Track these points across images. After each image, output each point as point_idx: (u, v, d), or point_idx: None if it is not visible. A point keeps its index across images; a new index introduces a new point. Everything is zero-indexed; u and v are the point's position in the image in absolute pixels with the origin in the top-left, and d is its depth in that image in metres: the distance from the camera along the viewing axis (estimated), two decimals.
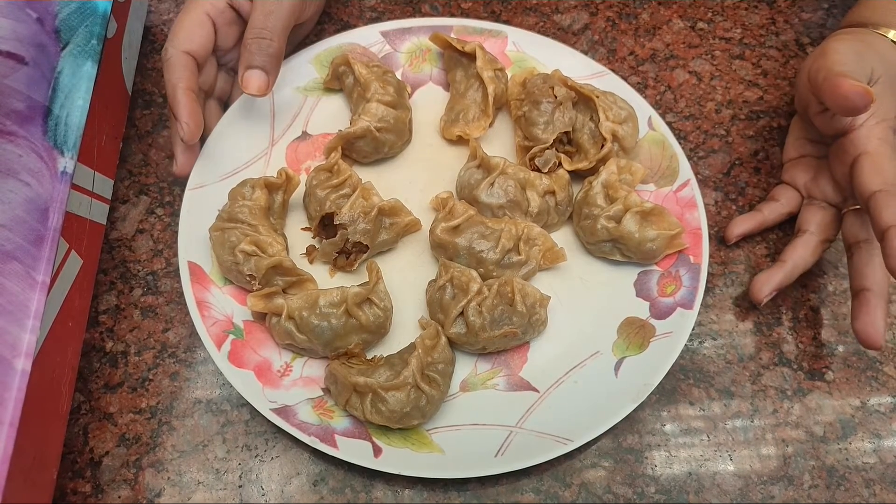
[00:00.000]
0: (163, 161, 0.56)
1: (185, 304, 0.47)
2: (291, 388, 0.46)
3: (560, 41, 0.60)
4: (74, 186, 0.45)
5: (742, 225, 0.53)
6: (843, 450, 0.48)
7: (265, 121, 0.56)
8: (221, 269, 0.49)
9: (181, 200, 0.51)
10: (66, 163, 0.45)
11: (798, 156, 0.54)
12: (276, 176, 0.51)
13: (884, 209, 0.44)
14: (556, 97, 0.53)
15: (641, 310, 0.50)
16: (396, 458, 0.44)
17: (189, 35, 0.50)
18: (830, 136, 0.50)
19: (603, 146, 0.53)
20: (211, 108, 0.55)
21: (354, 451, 0.44)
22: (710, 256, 0.53)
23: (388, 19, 0.63)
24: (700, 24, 0.65)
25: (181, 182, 0.53)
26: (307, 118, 0.57)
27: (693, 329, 0.49)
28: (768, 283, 0.49)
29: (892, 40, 0.49)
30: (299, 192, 0.53)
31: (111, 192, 0.53)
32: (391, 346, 0.49)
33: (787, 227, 0.55)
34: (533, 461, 0.44)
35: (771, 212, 0.53)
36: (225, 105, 0.56)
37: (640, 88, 0.61)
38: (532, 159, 0.54)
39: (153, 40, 0.62)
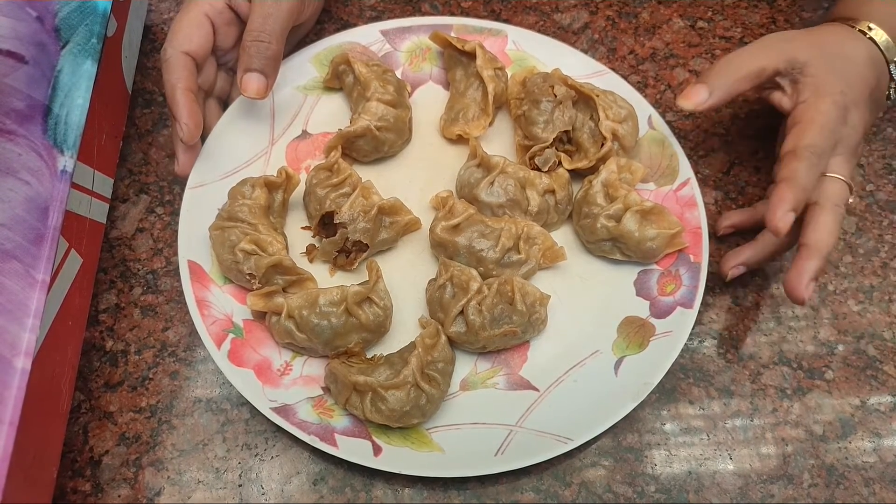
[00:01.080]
0: (163, 160, 0.56)
1: (185, 303, 0.47)
2: (291, 387, 0.46)
3: (560, 40, 0.60)
4: (74, 185, 0.45)
5: (731, 217, 0.54)
6: (842, 449, 0.48)
7: (265, 120, 0.56)
8: (221, 267, 0.49)
9: (181, 199, 0.51)
10: (66, 161, 0.45)
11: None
12: (276, 175, 0.50)
13: (783, 167, 0.46)
14: (555, 96, 0.53)
15: (641, 309, 0.50)
16: (396, 457, 0.44)
17: (188, 35, 0.50)
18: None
19: (603, 145, 0.53)
20: (211, 107, 0.55)
21: (354, 450, 0.44)
22: (710, 255, 0.52)
23: (388, 18, 0.63)
24: (700, 23, 0.65)
25: (181, 181, 0.53)
26: (307, 117, 0.57)
27: (693, 328, 0.49)
28: (736, 258, 0.50)
29: (860, 29, 0.50)
30: (299, 190, 0.53)
31: (111, 190, 0.53)
32: (391, 344, 0.49)
33: None
34: (533, 460, 0.44)
35: (764, 207, 0.53)
36: (225, 104, 0.56)
37: (640, 87, 0.61)
38: (532, 158, 0.54)
39: (153, 39, 0.62)
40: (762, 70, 0.49)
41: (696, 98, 0.50)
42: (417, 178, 0.55)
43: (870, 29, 0.50)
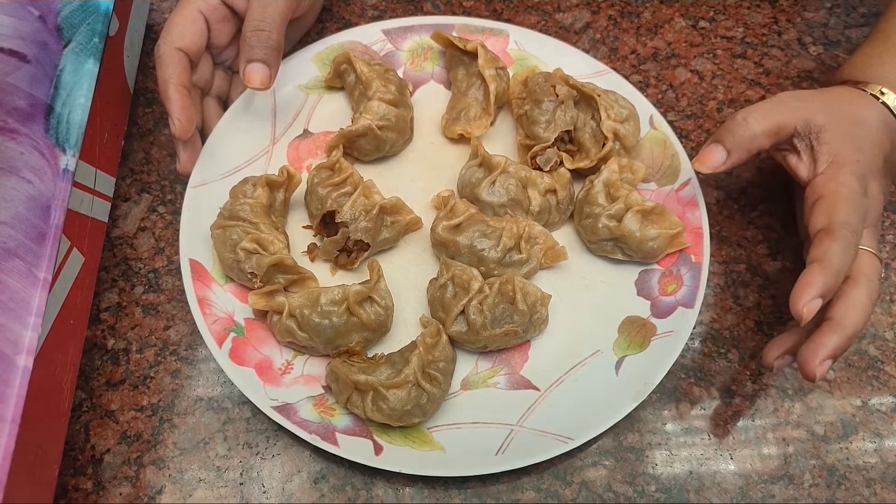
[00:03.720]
0: (164, 159, 0.57)
1: (187, 302, 0.47)
2: (292, 386, 0.46)
3: (562, 40, 0.60)
4: (76, 184, 0.45)
5: (779, 346, 0.46)
6: (843, 449, 0.48)
7: (267, 119, 0.56)
8: (223, 266, 0.49)
9: (182, 198, 0.51)
10: (68, 160, 0.45)
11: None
12: (277, 174, 0.51)
13: (816, 246, 0.43)
14: (557, 96, 0.53)
15: (642, 309, 0.50)
16: (397, 456, 0.44)
17: (181, 32, 0.50)
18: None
19: (604, 145, 0.53)
20: (209, 106, 0.55)
21: (355, 449, 0.44)
22: (711, 255, 0.52)
23: (390, 17, 0.63)
24: (702, 23, 0.65)
25: (183, 180, 0.53)
26: (308, 116, 0.57)
27: (694, 328, 0.49)
28: (781, 346, 0.46)
29: (872, 94, 0.48)
30: (301, 190, 0.53)
31: (113, 189, 0.53)
32: (392, 344, 0.49)
33: (790, 227, 0.55)
34: (533, 459, 0.44)
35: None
36: (224, 103, 0.56)
37: (642, 87, 0.61)
38: (533, 158, 0.54)
39: (155, 38, 0.62)
40: (781, 127, 0.46)
41: (712, 160, 0.47)
42: (419, 177, 0.55)
43: (882, 94, 0.48)
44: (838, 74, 0.53)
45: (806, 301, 0.41)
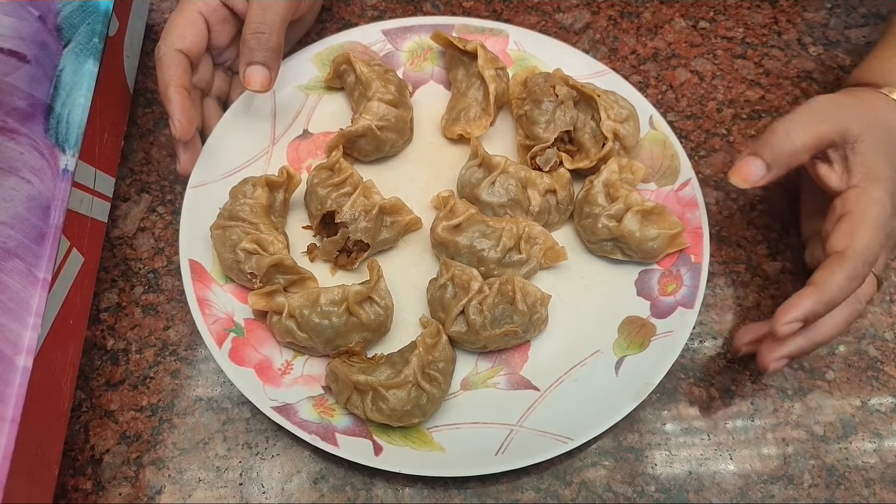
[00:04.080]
0: (164, 159, 0.57)
1: (186, 302, 0.47)
2: (292, 387, 0.46)
3: (561, 40, 0.60)
4: (76, 184, 0.45)
5: (750, 333, 0.47)
6: (843, 449, 0.48)
7: (266, 119, 0.56)
8: (222, 267, 0.49)
9: (182, 198, 0.51)
10: (68, 160, 0.45)
11: (812, 233, 0.51)
12: (277, 174, 0.51)
13: (823, 268, 0.42)
14: (557, 96, 0.53)
15: (642, 309, 0.50)
16: (397, 456, 0.44)
17: (181, 34, 0.50)
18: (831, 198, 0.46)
19: (604, 145, 0.53)
20: (210, 106, 0.55)
21: (355, 449, 0.44)
22: (711, 255, 0.52)
23: (390, 18, 0.63)
24: (702, 24, 0.65)
25: (182, 180, 0.53)
26: (308, 117, 0.57)
27: (694, 328, 0.49)
28: (751, 334, 0.46)
29: (893, 98, 0.47)
30: (300, 190, 0.53)
31: (112, 190, 0.53)
32: (392, 344, 0.49)
33: (790, 227, 0.55)
34: (533, 460, 0.44)
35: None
36: (224, 104, 0.56)
37: (642, 87, 0.61)
38: (533, 158, 0.54)
39: (155, 39, 0.62)
40: (822, 140, 0.44)
41: (751, 174, 0.44)
42: (419, 177, 0.55)
43: None
44: (851, 77, 0.52)
45: (787, 321, 0.41)
